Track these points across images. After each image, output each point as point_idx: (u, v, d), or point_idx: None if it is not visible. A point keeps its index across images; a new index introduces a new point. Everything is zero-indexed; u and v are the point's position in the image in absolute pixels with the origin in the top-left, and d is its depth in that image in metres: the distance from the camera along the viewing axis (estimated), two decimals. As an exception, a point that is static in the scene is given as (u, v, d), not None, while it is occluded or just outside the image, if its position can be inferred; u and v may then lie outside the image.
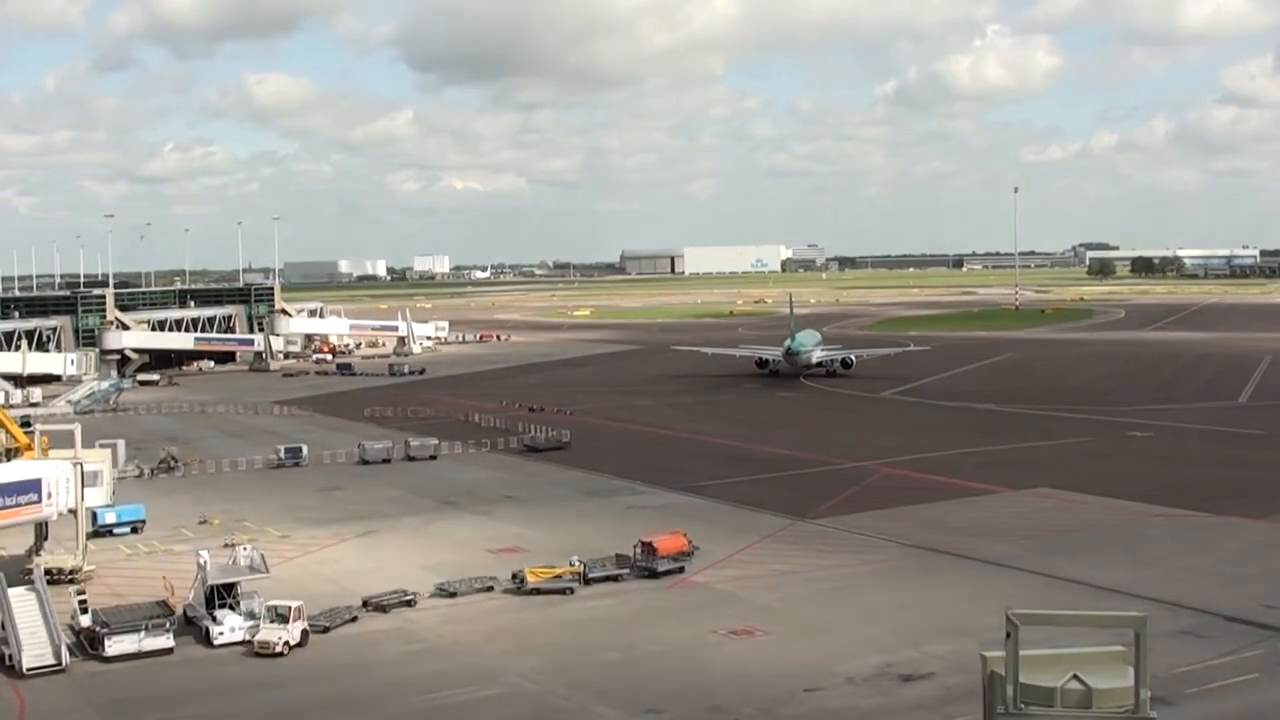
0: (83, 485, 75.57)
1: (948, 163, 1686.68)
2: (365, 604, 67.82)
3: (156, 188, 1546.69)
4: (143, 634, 60.96)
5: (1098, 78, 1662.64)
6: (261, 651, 60.41)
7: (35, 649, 59.15)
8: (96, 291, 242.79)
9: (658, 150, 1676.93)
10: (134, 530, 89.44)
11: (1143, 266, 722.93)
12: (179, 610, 65.54)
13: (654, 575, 73.50)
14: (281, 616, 61.56)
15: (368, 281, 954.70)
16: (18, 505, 71.87)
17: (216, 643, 62.01)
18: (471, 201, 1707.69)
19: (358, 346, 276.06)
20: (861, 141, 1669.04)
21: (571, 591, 70.78)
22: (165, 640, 61.26)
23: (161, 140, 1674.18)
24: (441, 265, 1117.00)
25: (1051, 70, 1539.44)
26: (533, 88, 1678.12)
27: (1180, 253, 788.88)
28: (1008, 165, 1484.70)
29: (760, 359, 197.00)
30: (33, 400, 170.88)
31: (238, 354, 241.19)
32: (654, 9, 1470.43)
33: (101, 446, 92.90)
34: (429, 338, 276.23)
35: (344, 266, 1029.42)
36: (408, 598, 69.00)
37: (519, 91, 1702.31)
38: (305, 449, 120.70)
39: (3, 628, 60.72)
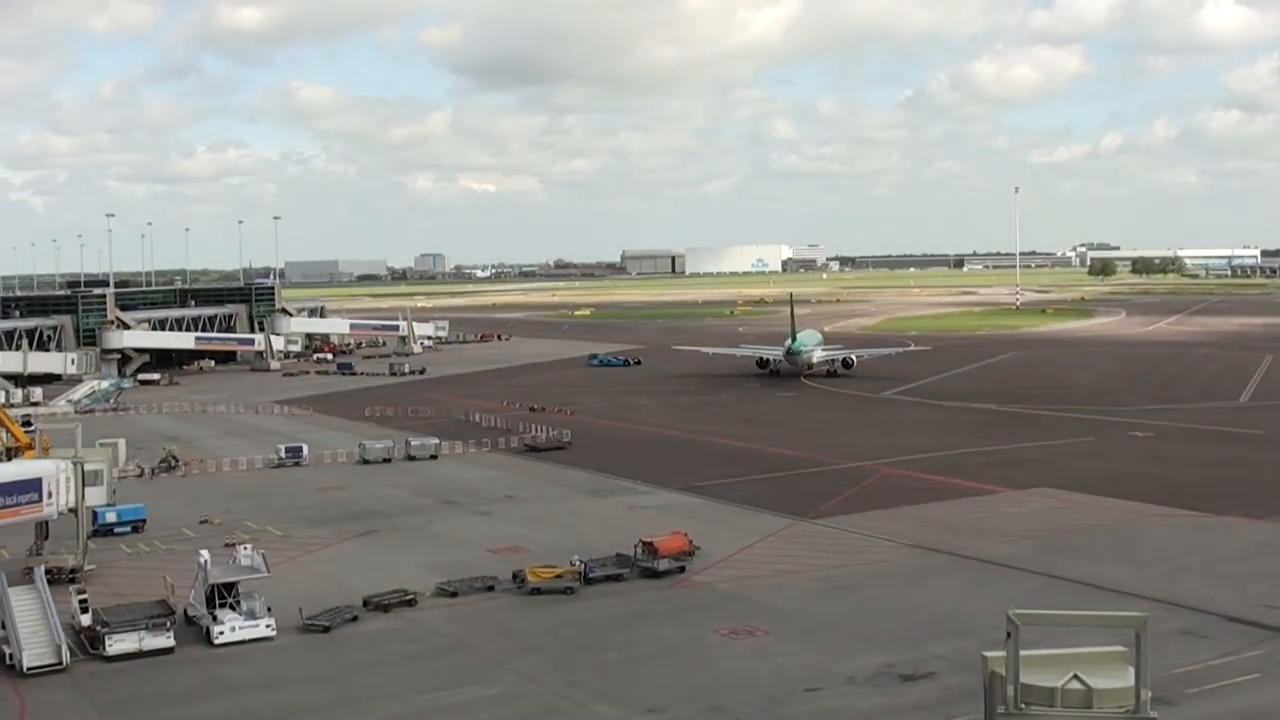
0: (83, 484, 75.60)
1: (955, 165, 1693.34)
2: (366, 603, 67.84)
3: (177, 188, 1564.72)
4: (143, 633, 60.98)
5: (1108, 84, 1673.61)
6: None
7: (36, 648, 59.19)
8: (97, 291, 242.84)
9: (675, 153, 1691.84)
10: (135, 529, 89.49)
11: (1143, 267, 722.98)
12: (179, 609, 65.58)
13: (655, 575, 73.49)
14: None
15: (368, 280, 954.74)
16: (18, 504, 71.93)
17: (217, 642, 62.06)
18: (483, 202, 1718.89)
19: (358, 346, 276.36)
20: (875, 144, 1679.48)
21: (572, 591, 70.76)
22: (166, 639, 61.31)
23: (194, 142, 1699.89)
24: (443, 264, 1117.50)
25: (1064, 77, 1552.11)
26: (568, 93, 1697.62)
27: (1181, 253, 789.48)
28: (1017, 168, 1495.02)
29: (761, 359, 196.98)
30: (33, 399, 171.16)
31: (238, 353, 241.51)
32: (697, 17, 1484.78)
33: (102, 446, 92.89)
34: (429, 337, 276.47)
35: (344, 265, 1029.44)
36: (409, 597, 69.05)
37: (555, 96, 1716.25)
38: (306, 448, 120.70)
39: (3, 627, 60.81)
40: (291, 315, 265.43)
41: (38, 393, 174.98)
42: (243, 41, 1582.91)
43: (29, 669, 58.32)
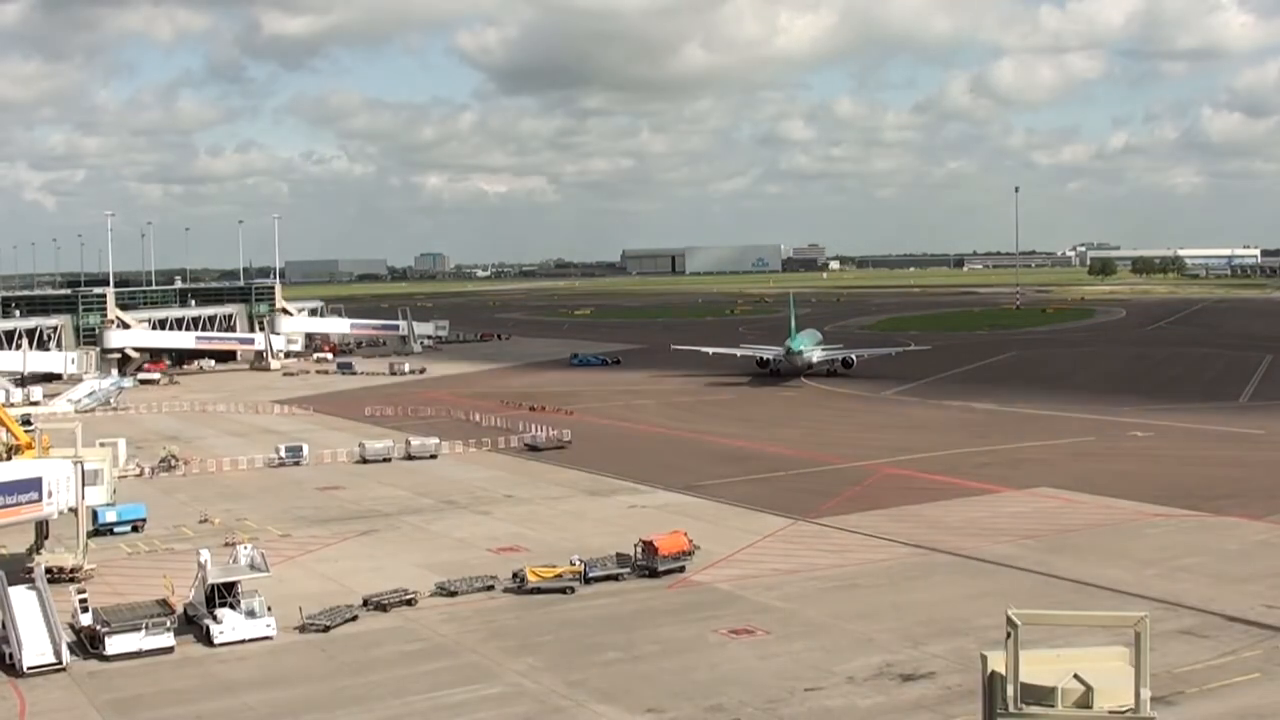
0: (83, 484, 75.65)
1: (961, 166, 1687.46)
2: (365, 603, 67.86)
3: (194, 188, 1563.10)
4: (143, 633, 60.95)
5: (1114, 87, 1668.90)
6: None
7: (36, 647, 59.13)
8: (97, 290, 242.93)
9: (686, 154, 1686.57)
10: (135, 529, 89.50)
11: (1143, 267, 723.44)
12: (179, 609, 65.57)
13: (654, 574, 73.50)
14: None
15: (369, 280, 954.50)
16: (18, 504, 71.98)
17: (217, 642, 62.09)
18: (491, 202, 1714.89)
19: (359, 345, 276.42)
20: (884, 146, 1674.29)
21: (572, 590, 70.79)
22: (166, 639, 61.30)
23: (221, 143, 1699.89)
24: (444, 264, 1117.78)
25: (1074, 81, 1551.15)
26: (596, 96, 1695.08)
27: (1181, 253, 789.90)
28: (1023, 169, 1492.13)
29: (761, 359, 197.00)
30: (33, 399, 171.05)
31: (238, 353, 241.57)
32: (729, 25, 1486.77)
33: (102, 445, 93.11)
34: (429, 336, 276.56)
35: (345, 265, 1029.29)
36: (408, 596, 69.04)
37: (584, 99, 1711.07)
38: (306, 448, 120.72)
39: (3, 626, 60.75)
40: (291, 315, 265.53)
41: (38, 392, 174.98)
42: (285, 47, 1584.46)
43: (29, 668, 58.30)
